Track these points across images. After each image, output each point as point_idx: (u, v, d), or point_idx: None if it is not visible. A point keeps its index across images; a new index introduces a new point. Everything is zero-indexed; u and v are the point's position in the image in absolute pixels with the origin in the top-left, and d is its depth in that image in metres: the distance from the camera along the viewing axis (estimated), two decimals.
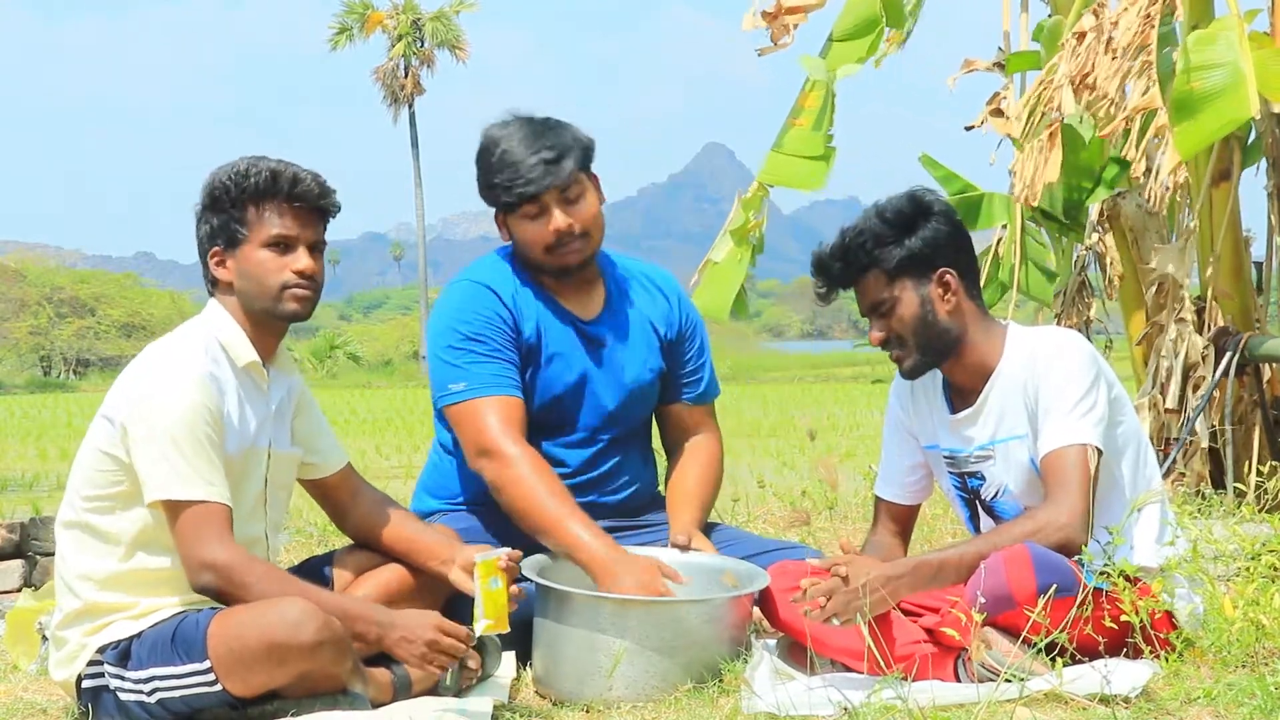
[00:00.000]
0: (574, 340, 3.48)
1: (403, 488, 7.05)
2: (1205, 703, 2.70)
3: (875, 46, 6.11)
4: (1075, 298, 6.21)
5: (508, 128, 3.40)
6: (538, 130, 3.37)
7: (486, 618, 2.89)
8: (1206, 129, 4.76)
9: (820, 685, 2.84)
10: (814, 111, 6.11)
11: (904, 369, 3.17)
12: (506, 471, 3.26)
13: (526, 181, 3.32)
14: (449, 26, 48.60)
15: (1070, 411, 3.02)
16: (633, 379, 3.53)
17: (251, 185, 2.90)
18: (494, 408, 3.32)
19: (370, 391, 32.28)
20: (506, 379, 3.36)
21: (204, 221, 2.96)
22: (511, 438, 3.29)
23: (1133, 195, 5.80)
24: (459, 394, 3.35)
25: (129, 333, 44.84)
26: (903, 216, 3.11)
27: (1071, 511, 2.93)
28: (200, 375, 2.80)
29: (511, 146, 3.35)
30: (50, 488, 9.82)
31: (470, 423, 3.33)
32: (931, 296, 3.11)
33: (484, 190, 3.42)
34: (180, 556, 2.77)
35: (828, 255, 3.15)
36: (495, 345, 3.37)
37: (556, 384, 3.46)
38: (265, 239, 2.91)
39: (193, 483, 2.74)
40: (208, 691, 2.71)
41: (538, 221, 3.36)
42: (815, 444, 10.53)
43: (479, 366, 3.35)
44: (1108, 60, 5.11)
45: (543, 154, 3.32)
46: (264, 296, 2.92)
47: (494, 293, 3.42)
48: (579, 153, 3.37)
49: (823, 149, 6.09)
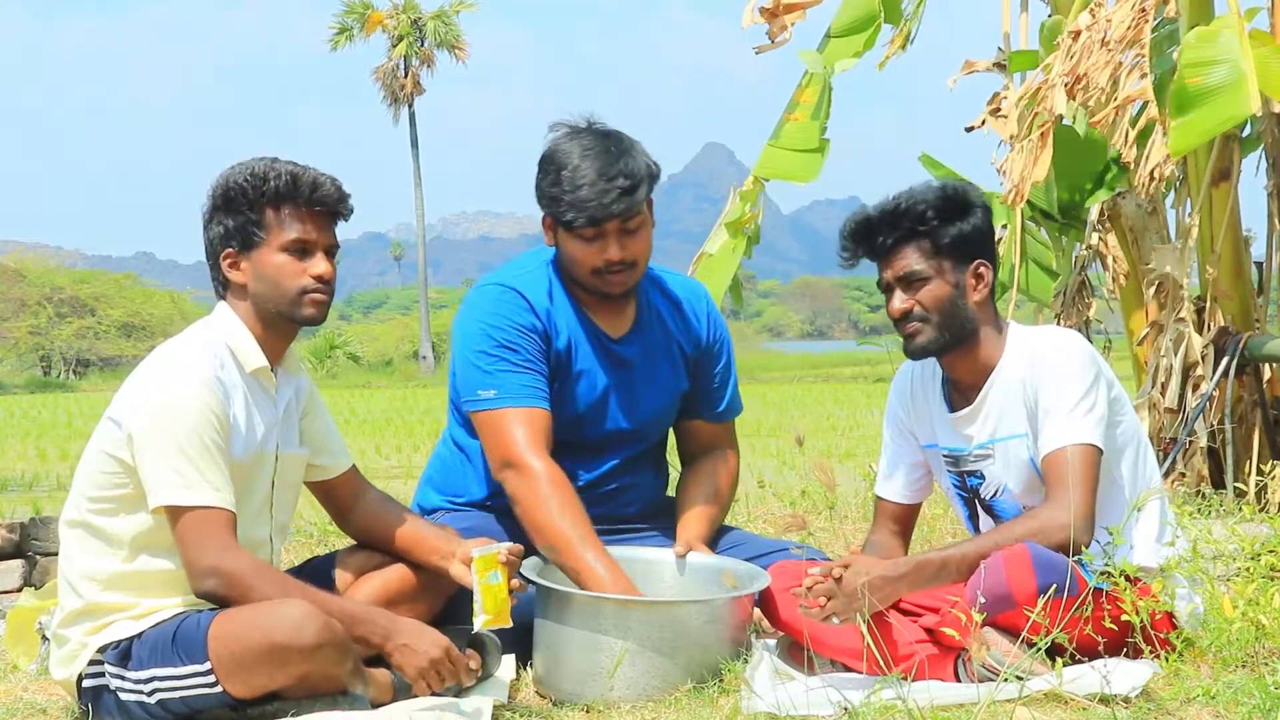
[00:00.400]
0: (600, 358, 3.44)
1: (403, 488, 7.05)
2: (1205, 702, 2.70)
3: (872, 42, 6.13)
4: (1075, 298, 6.21)
5: (580, 140, 3.30)
6: (612, 153, 3.27)
7: (485, 612, 2.88)
8: (1206, 125, 4.76)
9: (820, 685, 2.84)
10: (810, 106, 6.13)
11: (916, 344, 3.13)
12: (528, 485, 3.23)
13: (598, 208, 3.23)
14: (449, 26, 48.59)
15: (1071, 412, 3.02)
16: (654, 401, 3.51)
17: (271, 188, 2.89)
18: (522, 419, 3.28)
19: (370, 391, 32.27)
20: (537, 391, 3.32)
21: (216, 223, 2.93)
22: (536, 452, 3.25)
23: (1133, 195, 5.80)
24: (488, 401, 3.30)
25: (129, 333, 44.79)
26: (961, 198, 3.11)
27: (1075, 512, 2.93)
28: (206, 380, 2.79)
29: (584, 166, 3.25)
30: (50, 488, 9.82)
31: (497, 432, 3.29)
32: (965, 283, 3.12)
33: (544, 199, 3.32)
34: (183, 562, 2.76)
35: (875, 216, 3.13)
36: (528, 355, 3.33)
37: (579, 401, 3.43)
38: (284, 243, 2.90)
39: (198, 488, 2.74)
40: (208, 692, 2.71)
41: (592, 245, 3.29)
42: (809, 447, 10.52)
43: (511, 376, 3.31)
44: (1102, 54, 5.11)
45: (617, 182, 3.23)
46: (282, 300, 2.91)
47: (527, 301, 3.37)
48: (648, 184, 3.29)
49: (817, 142, 6.11)
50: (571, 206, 3.25)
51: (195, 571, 2.75)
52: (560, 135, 3.34)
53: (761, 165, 6.29)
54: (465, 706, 2.85)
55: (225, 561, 2.73)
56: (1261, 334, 5.66)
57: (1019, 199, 5.32)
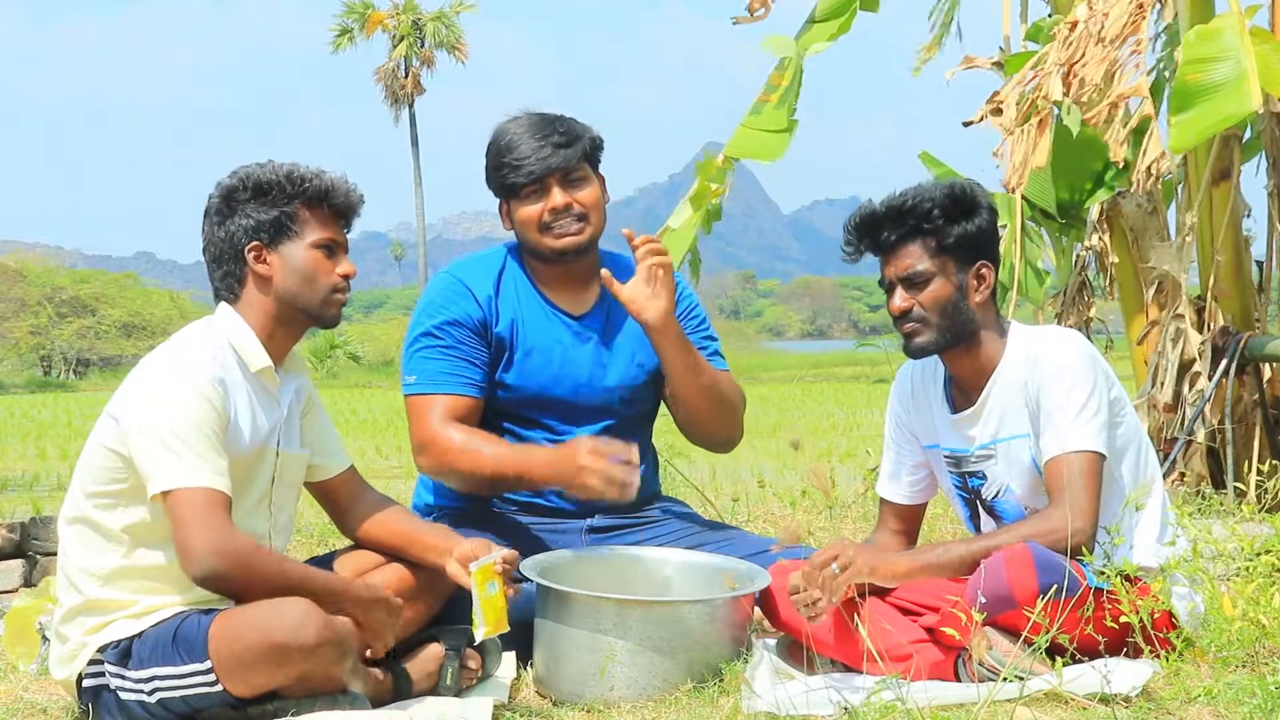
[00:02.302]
0: (559, 335, 3.49)
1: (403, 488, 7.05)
2: (1205, 702, 2.70)
3: (847, 26, 6.22)
4: (1075, 298, 6.21)
5: (518, 120, 3.48)
6: (547, 120, 3.45)
7: (485, 624, 2.91)
8: (1207, 122, 4.76)
9: (820, 685, 2.84)
10: (781, 88, 6.20)
11: (916, 344, 3.13)
12: (441, 453, 3.33)
13: (533, 162, 3.38)
14: (450, 27, 48.61)
15: (1075, 416, 3.01)
16: (621, 375, 3.54)
17: (309, 188, 2.94)
18: (439, 404, 3.36)
19: (370, 391, 32.28)
20: (457, 376, 3.39)
21: (242, 215, 2.94)
22: (448, 428, 3.34)
23: (1133, 195, 5.80)
24: (409, 386, 3.43)
25: (129, 333, 44.78)
26: (968, 198, 3.11)
27: (1081, 516, 2.93)
28: (208, 379, 2.79)
29: (519, 133, 3.43)
30: (50, 488, 9.82)
31: (414, 416, 3.39)
32: (968, 284, 3.11)
33: (491, 177, 3.48)
34: (182, 545, 2.71)
35: (881, 211, 3.12)
36: (453, 341, 3.41)
37: (535, 379, 3.47)
38: (317, 240, 2.95)
39: (197, 469, 2.72)
40: (208, 691, 2.71)
41: (536, 202, 3.41)
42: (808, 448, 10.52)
43: (431, 362, 3.40)
44: (1098, 50, 5.11)
45: (553, 138, 3.40)
46: (312, 296, 2.96)
47: (466, 287, 3.46)
48: (586, 143, 3.44)
49: (786, 123, 6.24)
50: (512, 169, 3.41)
51: (194, 552, 2.69)
52: (501, 122, 3.50)
53: (732, 144, 6.41)
54: (465, 706, 2.86)
55: (226, 541, 2.70)
56: (1261, 334, 5.66)
57: (1020, 184, 5.31)
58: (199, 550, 2.70)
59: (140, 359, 2.95)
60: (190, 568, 2.72)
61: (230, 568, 2.71)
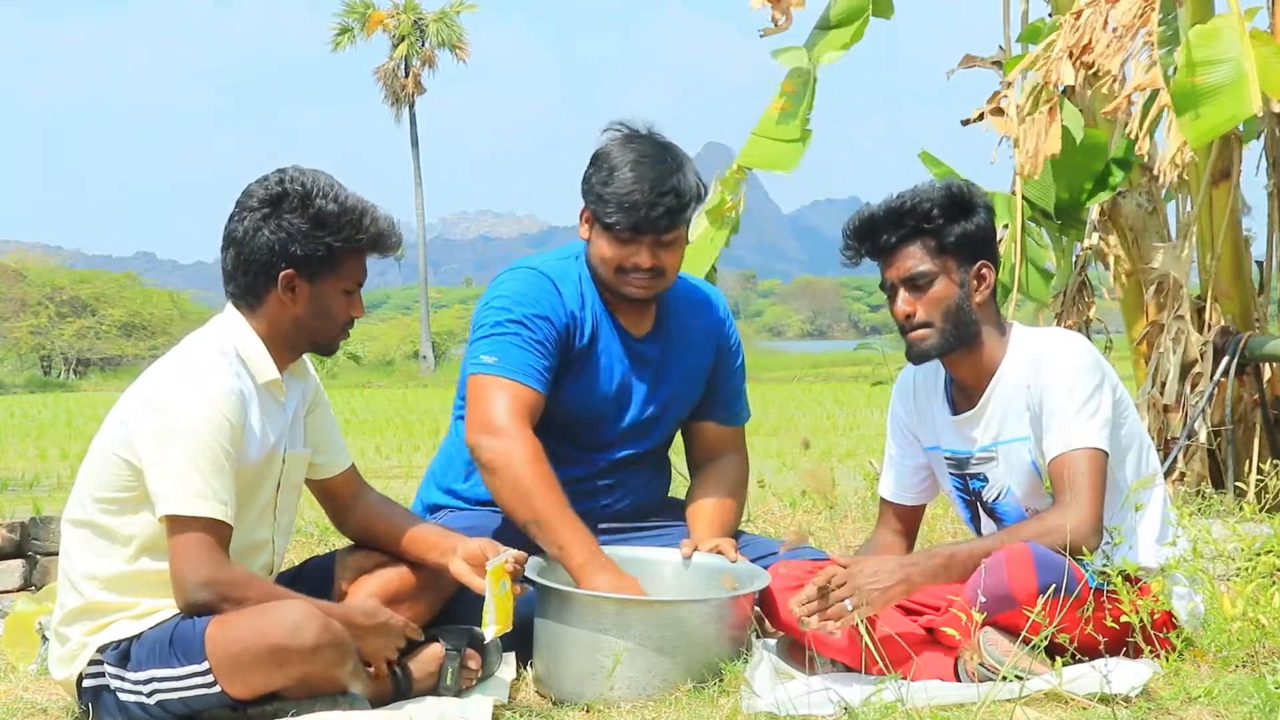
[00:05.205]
0: (620, 355, 3.46)
1: (403, 488, 7.05)
2: (1205, 702, 2.70)
3: (860, 34, 6.17)
4: (1075, 298, 6.21)
5: (638, 146, 3.33)
6: (668, 165, 3.30)
7: (496, 623, 2.91)
8: (1208, 124, 4.76)
9: (820, 685, 2.84)
10: (793, 96, 6.17)
11: (921, 348, 3.11)
12: (505, 451, 3.19)
13: (643, 219, 3.26)
14: (451, 27, 48.58)
15: (1076, 416, 3.01)
16: (668, 400, 3.52)
17: (364, 239, 2.92)
18: (514, 391, 3.27)
19: (370, 391, 32.29)
20: (537, 371, 3.31)
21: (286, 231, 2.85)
22: (518, 423, 3.23)
23: (1133, 195, 5.80)
24: (486, 365, 3.30)
25: (129, 333, 44.76)
26: (965, 197, 3.10)
27: (1084, 516, 2.92)
28: (226, 390, 2.79)
29: (638, 173, 3.27)
30: (50, 488, 9.81)
31: (486, 396, 3.27)
32: (969, 284, 3.11)
33: (591, 194, 3.33)
34: (176, 573, 2.74)
35: (880, 214, 3.11)
36: (542, 336, 3.33)
37: (595, 394, 3.43)
38: (349, 285, 2.95)
39: (204, 498, 2.73)
40: (207, 693, 2.71)
41: (625, 248, 3.31)
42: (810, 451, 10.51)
43: (517, 350, 3.30)
44: (1106, 36, 5.08)
45: (667, 198, 3.26)
46: (329, 331, 2.97)
47: (557, 290, 3.39)
48: (695, 205, 3.34)
49: (800, 132, 6.16)
50: (618, 209, 3.27)
51: (188, 583, 2.72)
52: (619, 137, 3.37)
53: (745, 154, 6.34)
54: (465, 706, 2.86)
55: (222, 573, 2.73)
56: (1261, 334, 5.66)
57: (1034, 172, 5.28)
58: (190, 583, 2.73)
59: (140, 359, 2.95)
60: (181, 596, 2.75)
61: (219, 602, 2.73)
